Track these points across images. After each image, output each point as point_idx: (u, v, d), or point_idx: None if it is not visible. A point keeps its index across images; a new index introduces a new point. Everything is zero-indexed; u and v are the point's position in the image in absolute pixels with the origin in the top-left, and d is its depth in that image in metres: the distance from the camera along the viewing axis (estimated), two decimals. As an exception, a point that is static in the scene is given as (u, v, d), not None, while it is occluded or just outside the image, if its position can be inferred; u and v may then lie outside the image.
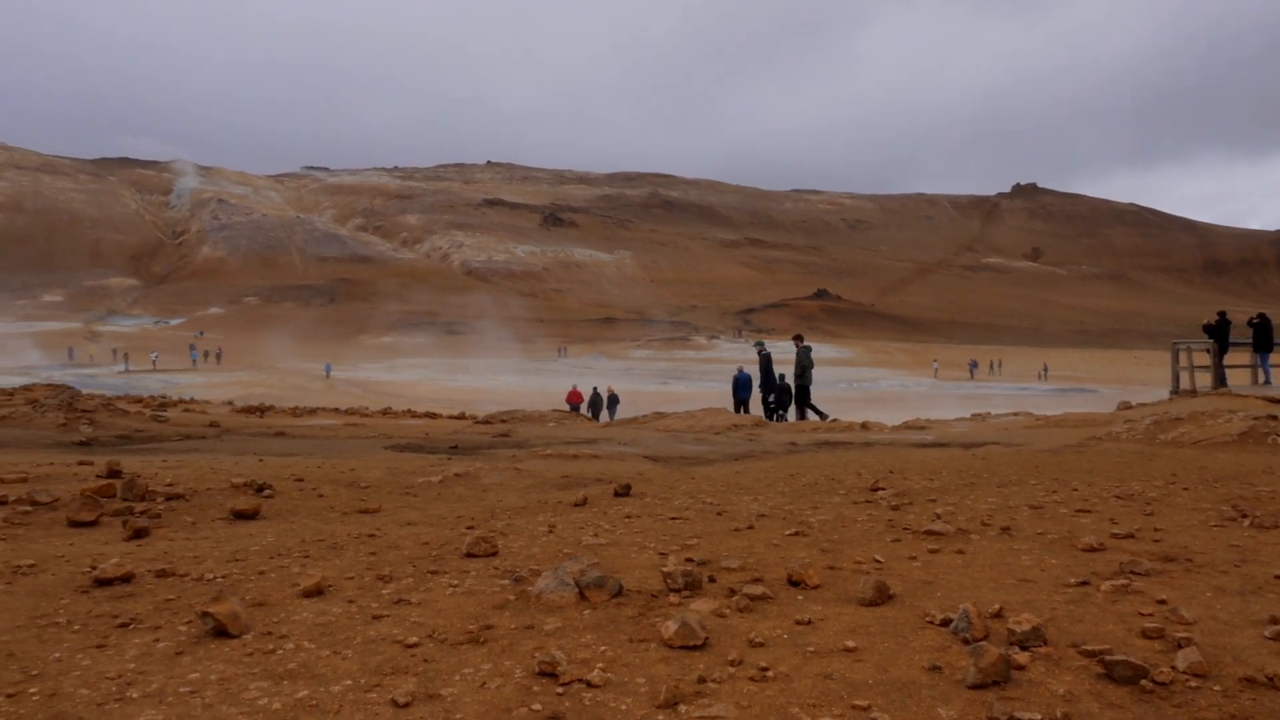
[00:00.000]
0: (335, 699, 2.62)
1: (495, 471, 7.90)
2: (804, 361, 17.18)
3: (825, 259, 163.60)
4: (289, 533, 5.01)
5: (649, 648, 3.02)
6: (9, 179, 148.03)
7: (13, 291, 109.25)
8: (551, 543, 4.68)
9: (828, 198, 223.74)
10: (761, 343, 18.24)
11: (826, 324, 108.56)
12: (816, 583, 3.78)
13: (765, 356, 17.51)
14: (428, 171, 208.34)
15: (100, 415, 13.86)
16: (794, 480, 7.17)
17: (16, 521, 5.19)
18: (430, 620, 3.33)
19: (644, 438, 12.69)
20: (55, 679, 2.78)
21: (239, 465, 8.21)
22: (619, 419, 26.26)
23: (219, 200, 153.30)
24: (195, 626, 3.24)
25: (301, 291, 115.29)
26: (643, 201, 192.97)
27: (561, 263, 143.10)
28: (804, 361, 17.18)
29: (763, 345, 18.04)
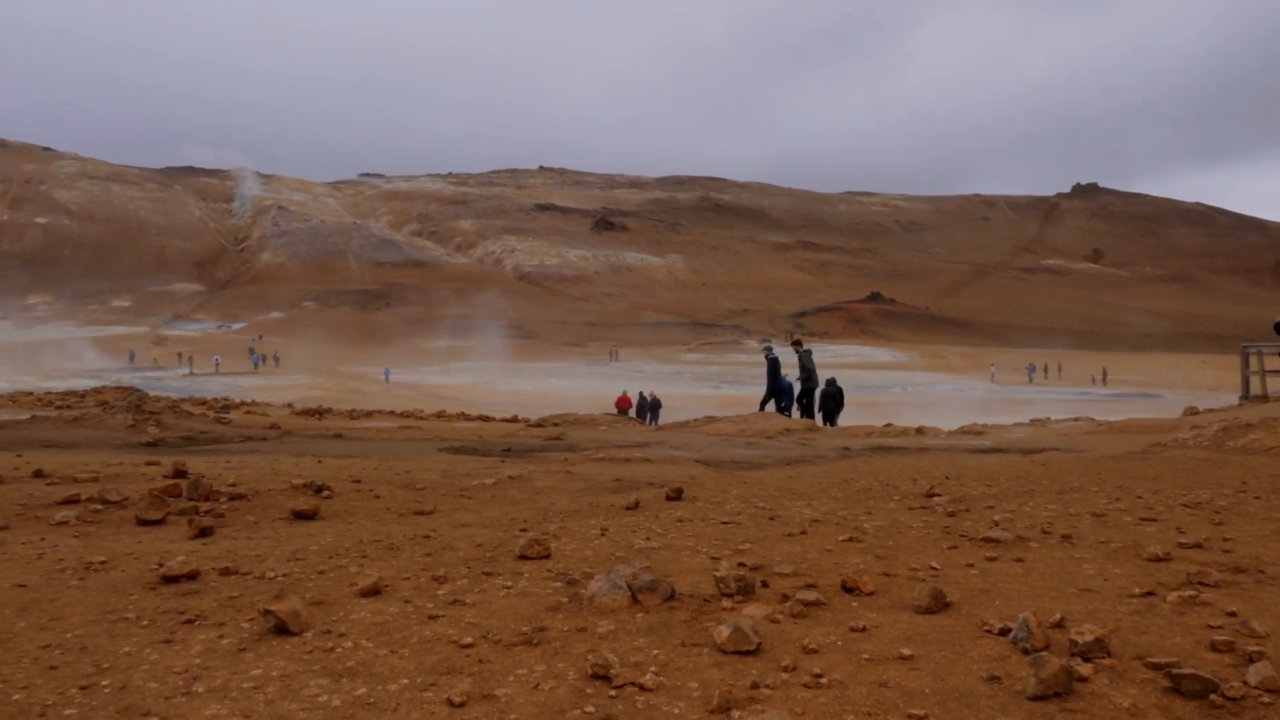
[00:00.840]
0: (392, 697, 2.66)
1: (548, 474, 7.95)
2: (807, 365, 17.32)
3: (879, 261, 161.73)
4: (347, 533, 5.11)
5: (702, 652, 3.01)
6: (81, 189, 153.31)
7: (85, 297, 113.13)
8: (604, 546, 4.70)
9: (881, 199, 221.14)
10: (769, 346, 18.28)
11: (880, 327, 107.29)
12: (871, 589, 3.74)
13: (773, 360, 17.52)
14: (481, 177, 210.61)
15: (166, 417, 14.26)
16: (847, 485, 7.09)
17: (88, 519, 5.36)
18: (484, 621, 3.36)
19: (696, 442, 12.67)
20: (125, 673, 2.87)
21: (298, 466, 8.38)
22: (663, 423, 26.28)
23: (279, 207, 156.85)
24: (257, 624, 3.32)
25: (358, 296, 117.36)
26: (694, 205, 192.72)
27: (613, 266, 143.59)
28: (807, 365, 17.32)
29: (770, 349, 18.13)
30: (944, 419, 24.15)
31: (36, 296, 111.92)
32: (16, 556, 4.40)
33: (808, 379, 17.20)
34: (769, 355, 17.62)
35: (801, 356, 17.44)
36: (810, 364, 17.29)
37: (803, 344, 17.85)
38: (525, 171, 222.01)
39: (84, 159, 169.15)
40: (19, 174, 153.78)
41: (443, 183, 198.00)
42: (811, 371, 17.22)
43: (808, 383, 17.23)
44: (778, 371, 17.33)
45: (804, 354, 17.41)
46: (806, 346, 17.52)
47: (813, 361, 17.34)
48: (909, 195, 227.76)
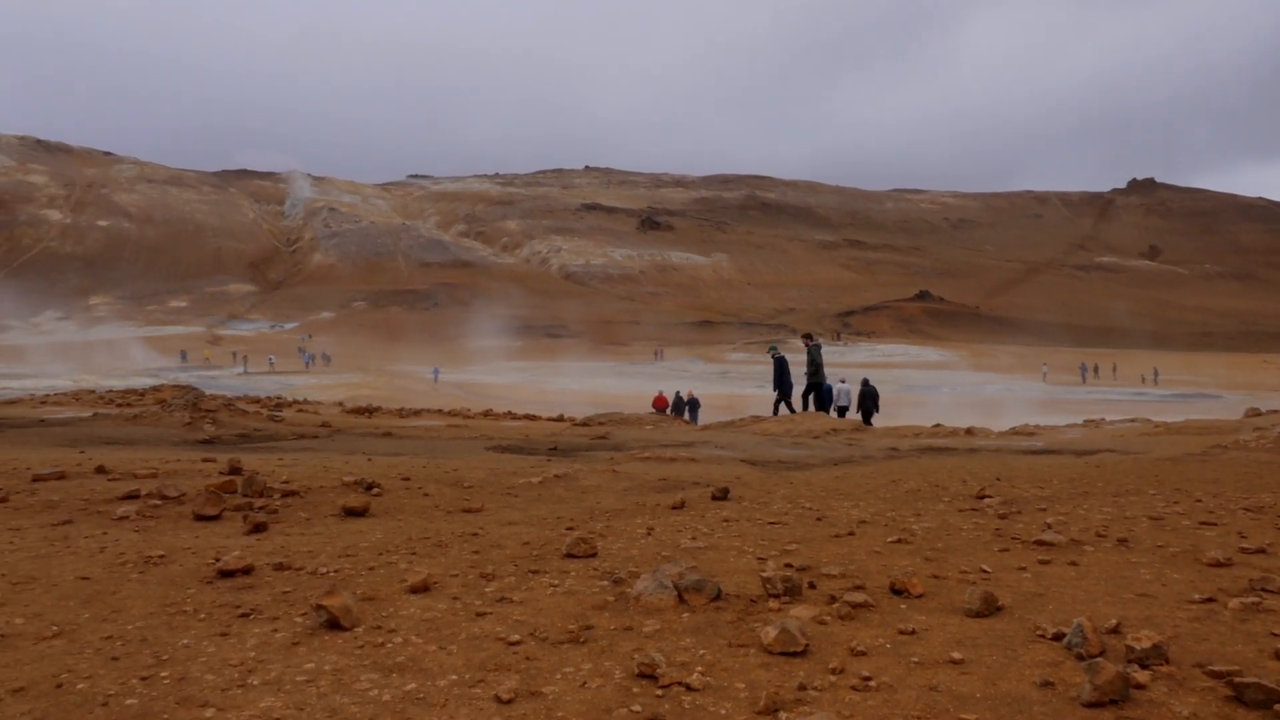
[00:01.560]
0: (441, 693, 2.70)
1: (594, 473, 7.97)
2: (816, 359, 17.36)
3: (928, 260, 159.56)
4: (396, 530, 5.18)
5: (748, 653, 3.00)
6: (140, 192, 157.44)
7: (143, 297, 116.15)
8: (650, 545, 4.71)
9: (930, 197, 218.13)
10: (775, 346, 18.34)
11: (929, 326, 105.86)
12: (920, 592, 3.69)
13: (780, 360, 17.62)
14: (527, 177, 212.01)
15: (222, 415, 14.58)
16: (896, 486, 7.01)
17: (148, 514, 5.51)
18: (532, 619, 3.39)
19: (741, 441, 12.62)
20: (184, 664, 2.94)
21: (349, 464, 8.51)
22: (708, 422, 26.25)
23: (330, 209, 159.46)
24: (310, 618, 3.38)
25: (407, 296, 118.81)
26: (740, 204, 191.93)
27: (658, 266, 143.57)
28: (816, 359, 17.36)
29: (776, 349, 18.25)
30: (994, 419, 23.78)
31: (97, 297, 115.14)
32: (80, 550, 4.53)
33: (815, 373, 17.26)
34: (775, 355, 17.57)
35: (810, 351, 17.53)
36: (818, 359, 17.37)
37: (813, 338, 17.91)
38: (571, 171, 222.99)
39: (143, 163, 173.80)
40: (81, 178, 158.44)
41: (489, 183, 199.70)
42: (819, 366, 17.30)
43: (814, 377, 17.31)
44: (785, 370, 17.43)
45: (813, 349, 17.50)
46: (816, 341, 17.63)
47: (821, 357, 17.42)
48: (958, 192, 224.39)
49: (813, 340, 17.79)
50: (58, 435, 11.80)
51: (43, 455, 8.93)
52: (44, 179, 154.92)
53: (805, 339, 18.19)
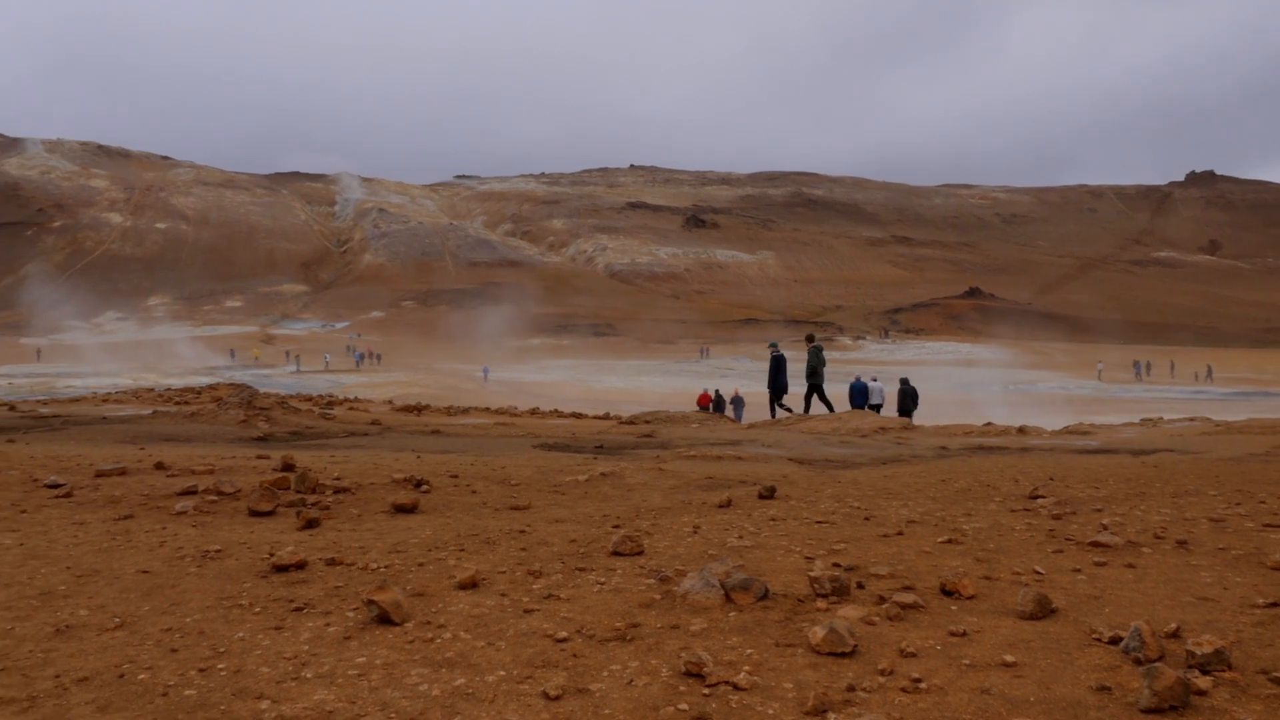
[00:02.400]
0: (490, 688, 2.72)
1: (640, 471, 7.98)
2: (813, 361, 17.42)
3: (978, 256, 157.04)
4: (445, 527, 5.23)
5: (796, 653, 2.98)
6: (197, 195, 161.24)
7: (200, 298, 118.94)
8: (696, 543, 4.70)
9: (980, 192, 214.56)
10: (775, 344, 18.46)
11: (979, 323, 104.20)
12: (971, 593, 3.64)
13: (777, 358, 17.69)
14: (573, 177, 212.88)
15: (275, 413, 14.87)
16: (945, 486, 6.91)
17: (205, 510, 5.64)
18: (579, 616, 3.40)
19: (788, 440, 12.54)
20: (240, 656, 3.01)
21: (399, 461, 8.63)
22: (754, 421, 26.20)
23: (379, 210, 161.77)
24: (361, 613, 3.43)
25: (454, 295, 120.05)
26: (785, 201, 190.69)
27: (704, 264, 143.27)
28: (813, 361, 17.42)
29: (776, 347, 18.24)
30: (1048, 418, 23.34)
31: (156, 298, 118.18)
32: (140, 544, 4.66)
33: (812, 374, 17.38)
34: (775, 354, 17.78)
35: (810, 353, 17.60)
36: (816, 360, 17.45)
37: (814, 339, 18.02)
38: (616, 170, 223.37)
39: (199, 166, 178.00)
40: (140, 182, 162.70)
41: (535, 183, 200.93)
42: (816, 367, 17.40)
43: (813, 379, 17.40)
44: (781, 369, 17.51)
45: (813, 349, 17.58)
46: (817, 344, 17.73)
47: (820, 358, 17.49)
48: (1009, 187, 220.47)
49: (813, 342, 17.92)
50: (119, 432, 12.13)
51: (105, 451, 9.19)
52: (105, 183, 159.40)
53: (807, 340, 18.28)
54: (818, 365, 17.37)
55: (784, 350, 18.18)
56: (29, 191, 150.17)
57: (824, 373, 17.50)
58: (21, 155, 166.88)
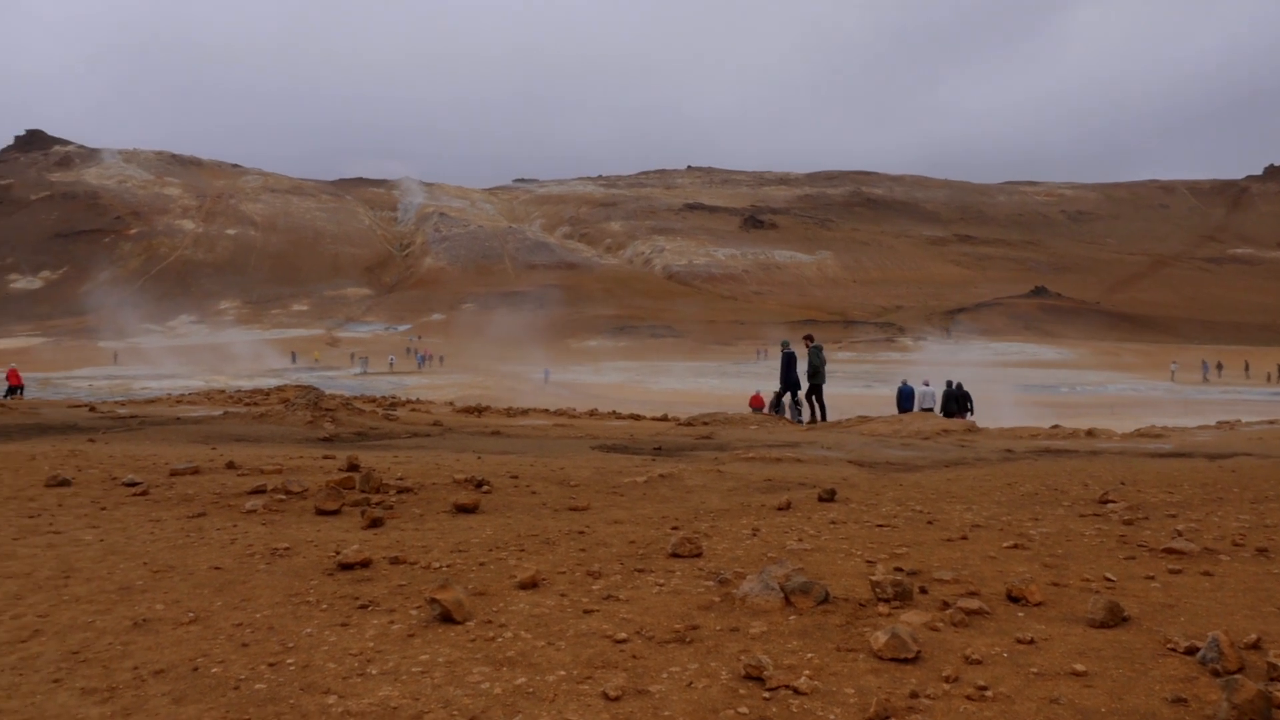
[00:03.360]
0: (550, 688, 2.74)
1: (698, 473, 7.97)
2: (814, 361, 17.43)
3: (1043, 254, 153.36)
4: (505, 527, 5.29)
5: (857, 658, 2.95)
6: (265, 201, 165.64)
7: (268, 301, 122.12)
8: (755, 546, 4.67)
9: (1046, 189, 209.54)
10: (786, 342, 18.43)
11: (1045, 323, 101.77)
12: (1039, 600, 3.55)
13: (788, 355, 17.68)
14: (630, 179, 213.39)
15: (340, 414, 15.18)
16: (1011, 489, 6.76)
17: (274, 508, 5.78)
18: (638, 617, 3.41)
19: (848, 442, 12.40)
20: (307, 652, 3.08)
21: (460, 462, 8.74)
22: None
23: (440, 214, 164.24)
24: (424, 611, 3.48)
25: (513, 298, 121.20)
26: (844, 200, 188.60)
27: (762, 265, 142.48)
28: (814, 361, 17.43)
29: (787, 345, 18.20)
30: (1118, 420, 22.69)
31: (227, 302, 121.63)
32: (212, 541, 4.80)
33: (814, 374, 17.42)
34: (785, 351, 17.84)
35: (810, 352, 17.62)
36: (817, 360, 17.48)
37: (814, 339, 18.03)
38: (673, 172, 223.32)
39: (267, 174, 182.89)
40: (211, 189, 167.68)
41: (593, 185, 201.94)
42: (818, 367, 17.42)
43: (814, 379, 17.44)
44: (791, 366, 17.53)
45: (813, 349, 17.61)
46: (816, 344, 17.75)
47: (821, 358, 17.51)
48: (1076, 183, 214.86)
49: (813, 342, 17.99)
50: (192, 432, 12.51)
51: (179, 451, 9.49)
52: (178, 191, 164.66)
53: (806, 340, 18.30)
54: (819, 365, 17.51)
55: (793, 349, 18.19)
56: (107, 200, 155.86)
57: (825, 372, 17.63)
58: (100, 165, 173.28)
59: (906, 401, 25.79)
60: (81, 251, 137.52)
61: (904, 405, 25.49)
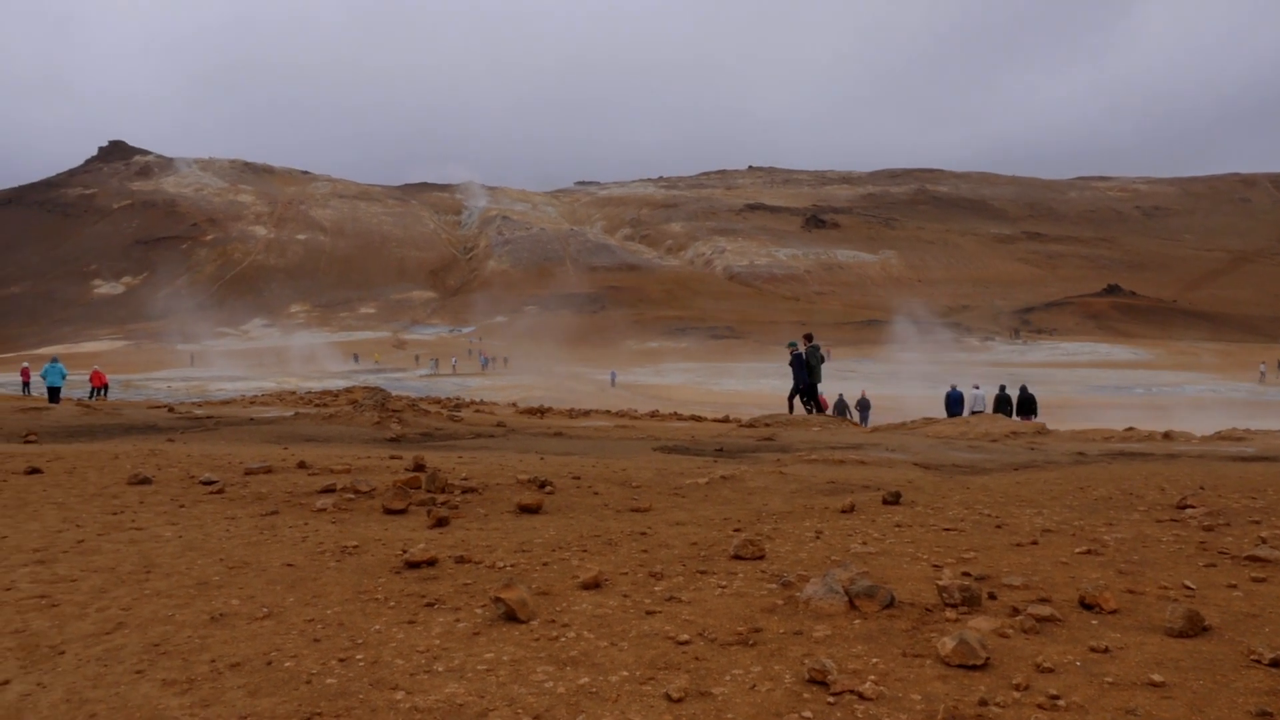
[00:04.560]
0: (613, 688, 2.75)
1: (760, 475, 7.92)
2: (810, 361, 17.56)
3: (1117, 251, 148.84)
4: (568, 527, 5.32)
5: (924, 664, 2.90)
6: (334, 207, 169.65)
7: (336, 305, 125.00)
8: (819, 549, 4.63)
9: (1119, 184, 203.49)
10: (795, 344, 18.48)
11: (1119, 322, 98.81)
12: (1113, 607, 3.45)
13: (797, 356, 17.84)
14: (691, 180, 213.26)
15: (407, 415, 15.45)
16: (1083, 493, 6.58)
17: (343, 507, 5.92)
18: (700, 619, 3.40)
19: (913, 444, 12.20)
20: (376, 648, 3.14)
21: (523, 462, 8.83)
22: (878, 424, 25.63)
23: (503, 217, 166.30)
24: (489, 610, 3.53)
25: (575, 299, 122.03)
26: (909, 199, 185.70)
27: (824, 265, 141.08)
28: (810, 361, 17.56)
29: (795, 346, 18.30)
30: (1197, 423, 21.91)
31: (297, 305, 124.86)
32: (285, 538, 4.93)
33: (810, 374, 17.60)
34: (794, 352, 17.99)
35: (807, 353, 17.74)
36: (814, 360, 17.61)
37: (813, 339, 18.20)
38: (734, 172, 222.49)
39: (335, 180, 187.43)
40: (283, 196, 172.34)
41: (654, 187, 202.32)
42: (814, 367, 17.58)
43: (810, 377, 17.62)
44: (802, 366, 17.70)
45: (810, 349, 17.74)
46: (815, 343, 17.94)
47: (818, 357, 17.64)
48: (1151, 178, 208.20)
49: (811, 341, 18.17)
50: (265, 432, 12.86)
51: (252, 450, 9.76)
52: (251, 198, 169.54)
53: (805, 339, 18.47)
54: (815, 365, 17.70)
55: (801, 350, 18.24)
56: (184, 208, 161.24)
57: (820, 371, 17.84)
58: (177, 174, 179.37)
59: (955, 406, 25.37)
60: (160, 257, 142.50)
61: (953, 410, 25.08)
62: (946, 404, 25.94)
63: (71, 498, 6.17)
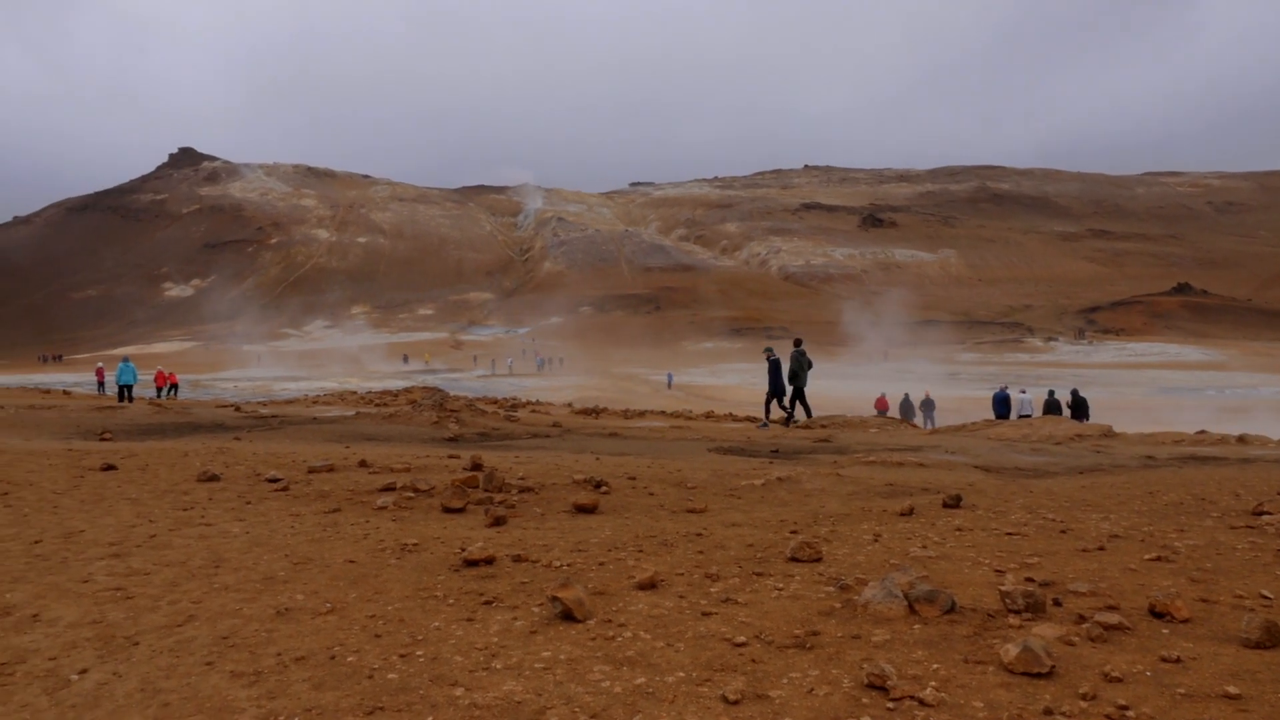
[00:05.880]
0: (670, 689, 2.75)
1: (817, 477, 7.85)
2: (794, 366, 17.55)
3: (1187, 249, 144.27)
4: (624, 528, 5.34)
5: (986, 670, 2.84)
6: (394, 210, 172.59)
7: (395, 306, 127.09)
8: (877, 552, 4.57)
9: (1190, 179, 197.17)
10: (770, 349, 18.43)
11: (1189, 322, 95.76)
12: (1185, 616, 3.34)
13: (773, 362, 17.73)
14: (746, 180, 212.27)
15: (465, 414, 15.65)
16: (1153, 499, 6.39)
17: (403, 505, 6.01)
18: (757, 621, 3.38)
19: (973, 446, 11.98)
20: (435, 645, 3.19)
21: (579, 462, 8.88)
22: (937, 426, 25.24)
23: (558, 219, 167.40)
24: (546, 609, 3.55)
25: (630, 300, 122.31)
26: (969, 196, 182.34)
27: (881, 264, 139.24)
28: (794, 366, 17.55)
29: (771, 351, 18.27)
30: (1273, 426, 21.13)
31: (358, 307, 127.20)
32: (347, 536, 5.03)
33: (793, 378, 17.59)
34: (770, 358, 17.90)
35: (794, 356, 17.73)
36: (797, 365, 17.58)
37: (800, 343, 18.22)
38: (790, 171, 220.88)
39: (395, 183, 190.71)
40: (344, 200, 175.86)
41: (709, 187, 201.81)
42: (796, 371, 17.57)
43: (794, 381, 17.59)
44: (778, 372, 17.61)
45: (796, 354, 17.74)
46: (801, 348, 17.93)
47: (801, 363, 17.59)
48: (1224, 173, 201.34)
49: (798, 346, 18.16)
50: (327, 431, 13.14)
51: (315, 449, 9.98)
52: (314, 202, 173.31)
53: (795, 343, 18.44)
54: (798, 369, 17.70)
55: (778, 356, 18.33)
56: (250, 212, 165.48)
57: (806, 376, 17.81)
58: (243, 180, 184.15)
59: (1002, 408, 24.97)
60: (227, 260, 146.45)
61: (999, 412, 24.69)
62: (993, 406, 25.53)
63: (144, 494, 6.37)
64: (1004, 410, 24.91)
